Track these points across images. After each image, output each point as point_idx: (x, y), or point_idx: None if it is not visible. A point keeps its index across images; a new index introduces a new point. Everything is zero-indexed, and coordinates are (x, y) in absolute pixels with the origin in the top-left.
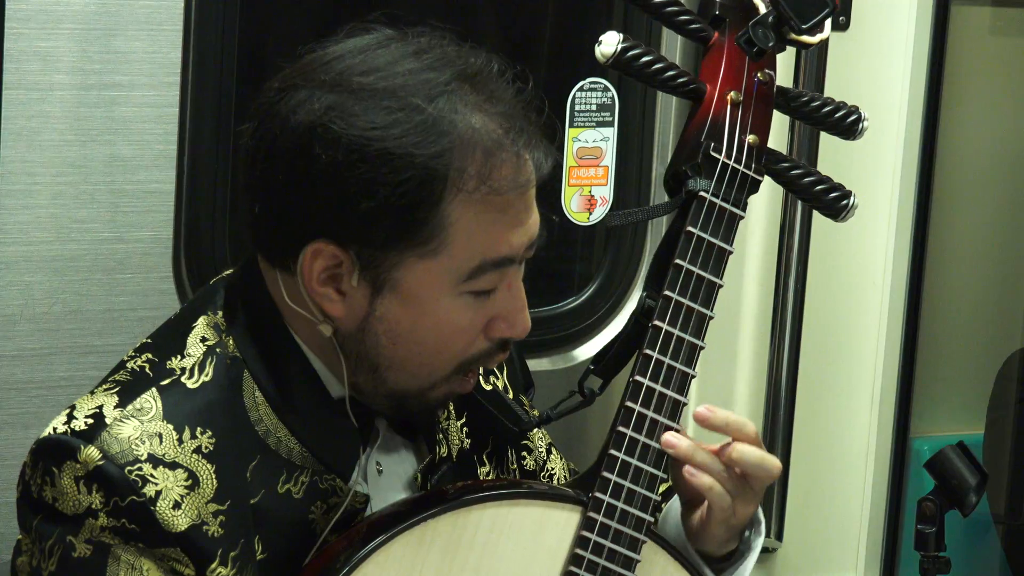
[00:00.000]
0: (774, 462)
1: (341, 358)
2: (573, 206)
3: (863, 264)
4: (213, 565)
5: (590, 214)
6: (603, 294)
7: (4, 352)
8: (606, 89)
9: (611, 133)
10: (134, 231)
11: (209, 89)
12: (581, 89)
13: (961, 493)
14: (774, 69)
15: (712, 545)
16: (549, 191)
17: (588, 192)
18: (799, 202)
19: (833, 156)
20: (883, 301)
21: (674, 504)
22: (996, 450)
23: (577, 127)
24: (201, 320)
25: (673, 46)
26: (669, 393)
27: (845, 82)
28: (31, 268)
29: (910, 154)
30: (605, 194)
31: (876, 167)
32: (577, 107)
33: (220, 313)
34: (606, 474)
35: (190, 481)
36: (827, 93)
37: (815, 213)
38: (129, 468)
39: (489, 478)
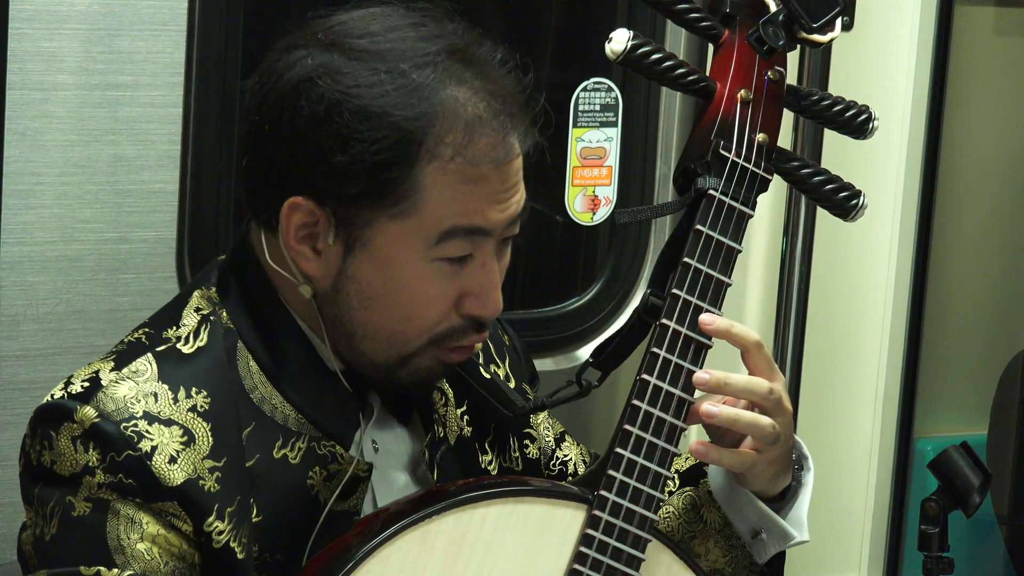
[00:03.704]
0: (766, 421)
1: (321, 323)
2: (577, 206)
3: (867, 264)
4: (210, 519)
5: (594, 214)
6: (607, 294)
7: (8, 352)
8: (610, 89)
9: (615, 133)
10: (138, 231)
11: (213, 89)
12: (585, 89)
13: (965, 493)
14: (784, 67)
15: (761, 483)
16: (552, 191)
17: (592, 192)
18: (803, 201)
19: (837, 155)
20: (887, 301)
21: None
22: (1000, 450)
23: (581, 127)
24: (195, 294)
25: (677, 45)
26: (676, 392)
27: (849, 82)
28: (35, 268)
29: (914, 154)
30: (609, 194)
31: (880, 167)
32: (581, 107)
33: (214, 288)
34: (612, 472)
35: (185, 437)
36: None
37: (818, 213)
38: (125, 424)
39: (493, 475)
